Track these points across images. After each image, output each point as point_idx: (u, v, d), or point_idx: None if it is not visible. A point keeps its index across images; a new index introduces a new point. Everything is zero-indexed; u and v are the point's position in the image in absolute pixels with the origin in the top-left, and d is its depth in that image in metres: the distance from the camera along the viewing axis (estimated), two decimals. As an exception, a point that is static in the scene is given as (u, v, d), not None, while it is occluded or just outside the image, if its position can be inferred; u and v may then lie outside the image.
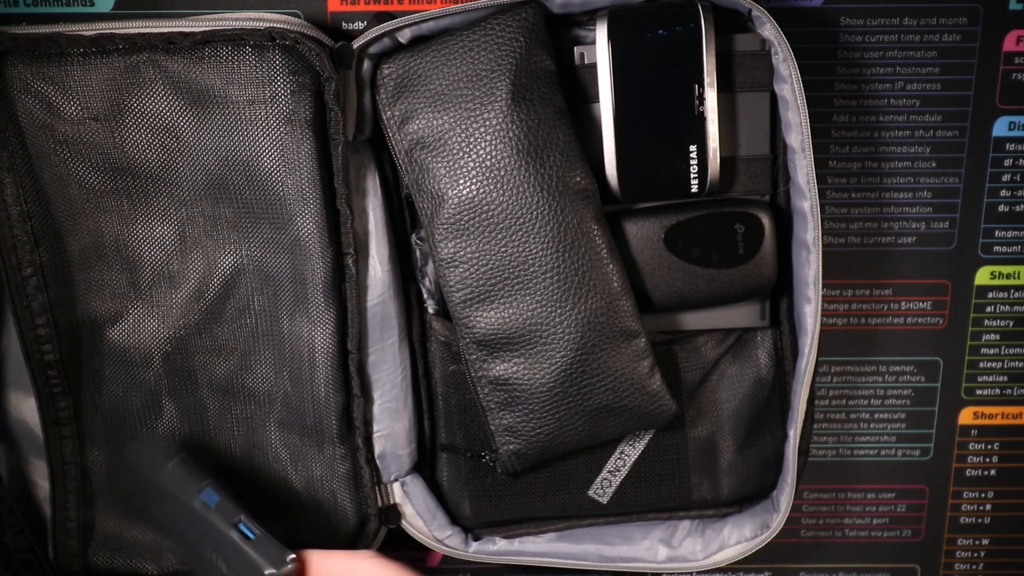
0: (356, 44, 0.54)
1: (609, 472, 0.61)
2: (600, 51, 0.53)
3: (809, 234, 0.54)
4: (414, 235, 0.59)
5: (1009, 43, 0.60)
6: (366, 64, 0.55)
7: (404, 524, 0.61)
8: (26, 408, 0.60)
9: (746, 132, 0.56)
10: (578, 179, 0.53)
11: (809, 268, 0.55)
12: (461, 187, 0.53)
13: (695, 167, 0.54)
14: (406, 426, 0.61)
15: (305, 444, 0.60)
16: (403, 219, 0.59)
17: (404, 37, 0.54)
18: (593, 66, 0.54)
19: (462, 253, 0.54)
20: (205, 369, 0.59)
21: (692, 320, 0.59)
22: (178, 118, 0.54)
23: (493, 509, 0.62)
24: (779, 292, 0.58)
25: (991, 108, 0.61)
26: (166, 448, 0.56)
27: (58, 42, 0.53)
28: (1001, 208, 0.62)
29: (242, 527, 0.52)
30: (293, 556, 0.52)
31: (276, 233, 0.56)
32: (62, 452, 0.59)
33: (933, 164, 0.62)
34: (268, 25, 0.53)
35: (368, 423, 0.60)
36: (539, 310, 0.54)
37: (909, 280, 0.64)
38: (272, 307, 0.58)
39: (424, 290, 0.60)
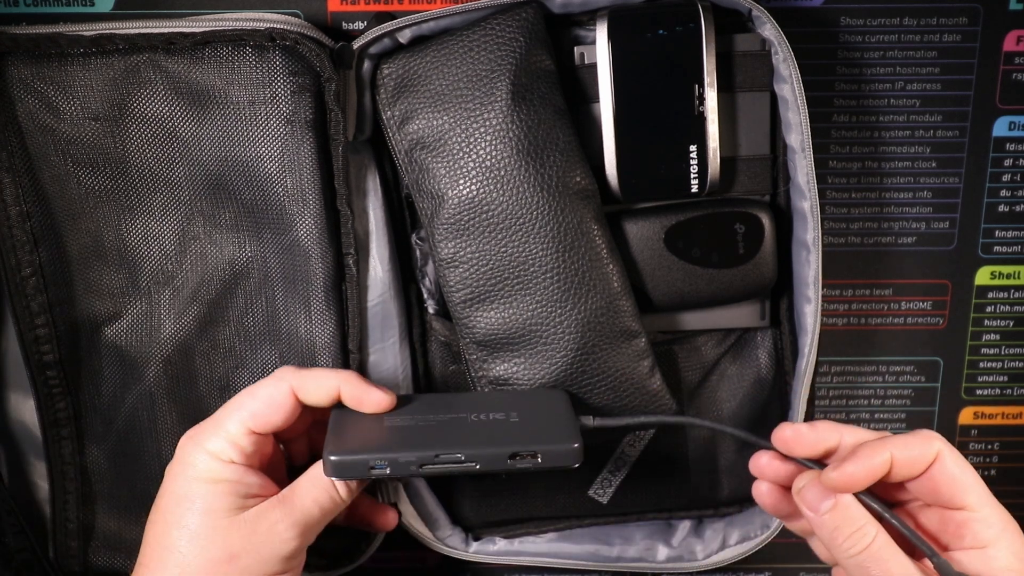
0: (356, 44, 0.54)
1: (609, 472, 0.61)
2: (600, 51, 0.53)
3: (809, 234, 0.54)
4: (414, 235, 0.59)
5: (1009, 43, 0.60)
6: (366, 64, 0.55)
7: (404, 524, 0.61)
8: (26, 409, 0.60)
9: (746, 132, 0.56)
10: (578, 179, 0.53)
11: (809, 268, 0.55)
12: (461, 187, 0.53)
13: (695, 167, 0.54)
14: (406, 426, 0.61)
15: (305, 444, 0.59)
16: (403, 219, 0.59)
17: (404, 37, 0.54)
18: (593, 66, 0.54)
19: (462, 253, 0.54)
20: (205, 370, 0.59)
21: (692, 320, 0.59)
22: (178, 119, 0.54)
23: (493, 509, 0.62)
24: (779, 292, 0.58)
25: (991, 108, 0.61)
26: None
27: (58, 42, 0.53)
28: (1001, 208, 0.62)
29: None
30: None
31: (276, 234, 0.56)
32: (61, 453, 0.59)
33: (933, 164, 0.62)
34: (268, 25, 0.53)
35: (368, 423, 0.60)
36: (539, 310, 0.54)
37: (909, 280, 0.64)
38: (272, 307, 0.58)
39: (424, 290, 0.60)
